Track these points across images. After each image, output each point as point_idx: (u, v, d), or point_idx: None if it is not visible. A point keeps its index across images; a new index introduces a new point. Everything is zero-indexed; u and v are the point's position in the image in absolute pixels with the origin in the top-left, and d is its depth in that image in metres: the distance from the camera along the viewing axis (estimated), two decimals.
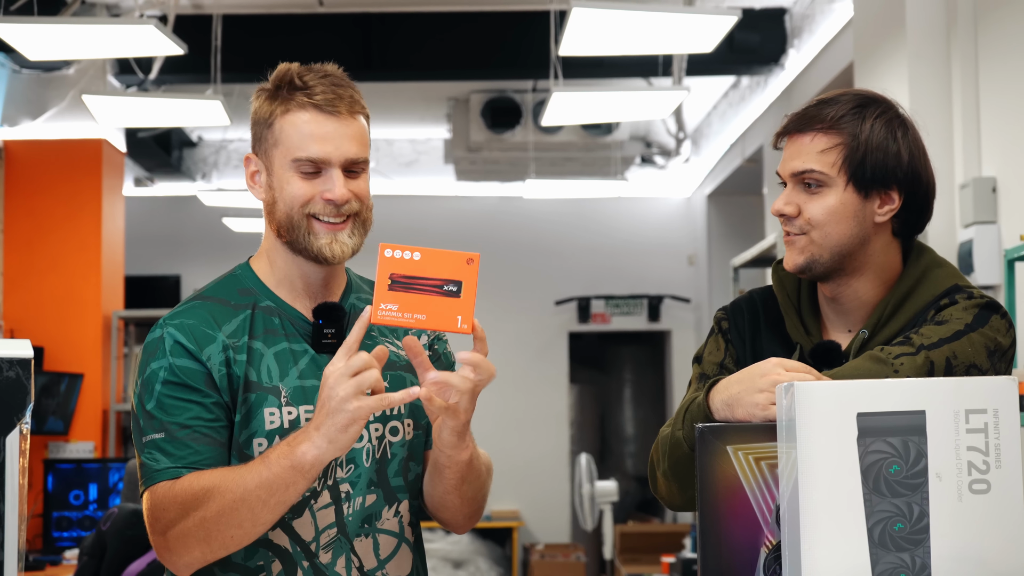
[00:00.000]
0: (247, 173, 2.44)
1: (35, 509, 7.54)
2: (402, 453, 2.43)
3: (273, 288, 2.43)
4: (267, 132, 2.38)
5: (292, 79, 2.37)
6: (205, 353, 2.32)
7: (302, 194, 2.34)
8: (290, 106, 2.35)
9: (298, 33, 8.41)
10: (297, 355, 2.38)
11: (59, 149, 8.51)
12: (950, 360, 2.16)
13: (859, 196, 2.28)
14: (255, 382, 2.33)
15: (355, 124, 2.38)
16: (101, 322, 8.44)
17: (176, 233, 12.00)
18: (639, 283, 12.24)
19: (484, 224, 12.13)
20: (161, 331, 2.35)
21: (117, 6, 8.05)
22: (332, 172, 2.35)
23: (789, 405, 1.89)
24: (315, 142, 2.34)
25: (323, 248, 2.35)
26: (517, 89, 10.12)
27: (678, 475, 2.26)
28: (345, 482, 2.36)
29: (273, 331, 2.38)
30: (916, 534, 1.84)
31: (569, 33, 5.76)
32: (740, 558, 1.99)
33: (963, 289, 2.30)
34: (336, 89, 2.38)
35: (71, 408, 8.21)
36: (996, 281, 5.14)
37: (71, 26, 5.95)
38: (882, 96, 2.36)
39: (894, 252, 2.36)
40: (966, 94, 5.41)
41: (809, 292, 2.42)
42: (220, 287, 2.45)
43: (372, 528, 2.39)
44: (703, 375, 2.42)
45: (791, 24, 8.30)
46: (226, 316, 2.38)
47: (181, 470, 2.25)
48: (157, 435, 2.28)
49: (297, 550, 2.33)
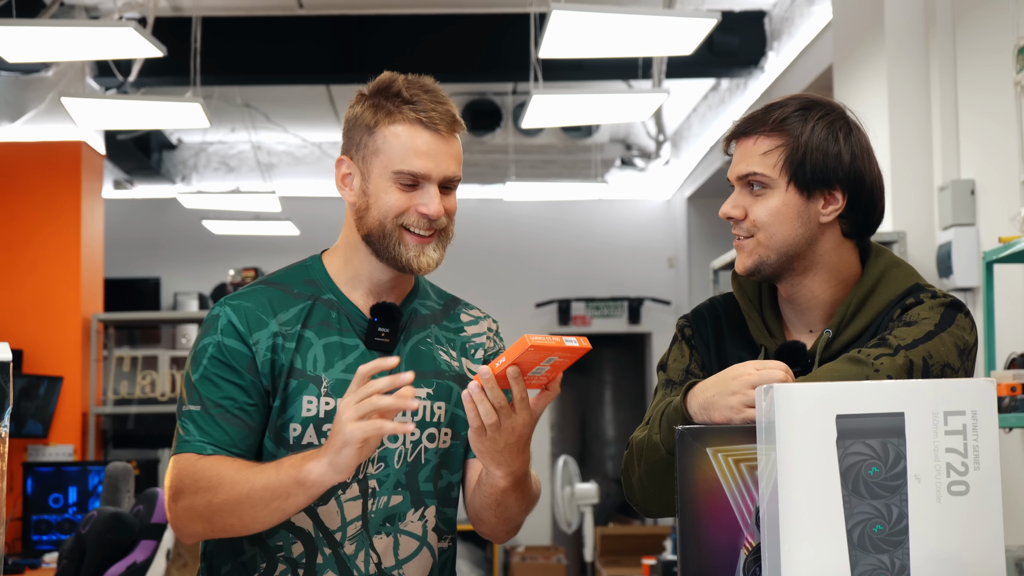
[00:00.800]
0: (338, 174, 2.49)
1: (14, 512, 7.50)
2: (435, 460, 2.49)
3: (340, 284, 2.50)
4: (368, 139, 2.44)
5: (399, 90, 2.44)
6: (254, 337, 2.41)
7: (399, 205, 2.41)
8: (396, 117, 2.42)
9: (278, 36, 8.40)
10: (347, 349, 2.45)
11: (38, 151, 8.48)
12: (926, 360, 2.19)
13: (801, 197, 2.30)
14: (299, 369, 2.42)
15: (455, 143, 2.47)
16: (81, 325, 8.41)
17: (156, 236, 11.97)
18: (619, 285, 12.25)
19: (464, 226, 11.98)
20: (219, 309, 2.45)
21: (96, 8, 8.03)
22: (430, 188, 2.42)
23: (769, 407, 1.89)
24: (418, 157, 2.41)
25: (411, 260, 2.43)
26: (497, 91, 10.13)
27: (654, 480, 2.27)
28: (374, 479, 2.43)
29: (328, 323, 2.46)
30: (895, 536, 1.85)
31: (549, 36, 5.77)
32: (720, 560, 2.00)
33: (924, 288, 2.33)
34: (439, 106, 2.45)
35: (50, 411, 8.18)
36: (975, 283, 5.15)
37: (50, 28, 5.93)
38: (829, 100, 2.39)
39: (847, 252, 2.37)
40: (944, 96, 5.43)
41: (770, 295, 2.44)
42: (287, 275, 2.54)
43: (394, 528, 2.44)
44: (669, 381, 2.43)
45: (770, 27, 8.31)
46: (284, 304, 2.46)
47: (207, 447, 2.35)
48: (194, 407, 2.39)
49: (320, 536, 2.40)
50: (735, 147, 2.37)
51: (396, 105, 2.44)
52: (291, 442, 2.40)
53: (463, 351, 2.59)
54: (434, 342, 2.54)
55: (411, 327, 2.53)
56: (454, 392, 2.52)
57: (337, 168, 2.51)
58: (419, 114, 2.42)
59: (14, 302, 8.30)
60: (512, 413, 2.20)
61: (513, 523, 2.50)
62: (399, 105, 2.44)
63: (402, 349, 2.49)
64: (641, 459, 2.29)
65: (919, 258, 5.55)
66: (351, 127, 2.49)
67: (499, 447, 2.25)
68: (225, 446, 2.36)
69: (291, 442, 2.40)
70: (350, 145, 2.48)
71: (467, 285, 11.83)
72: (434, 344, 2.54)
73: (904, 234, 5.54)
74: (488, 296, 11.83)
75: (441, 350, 2.54)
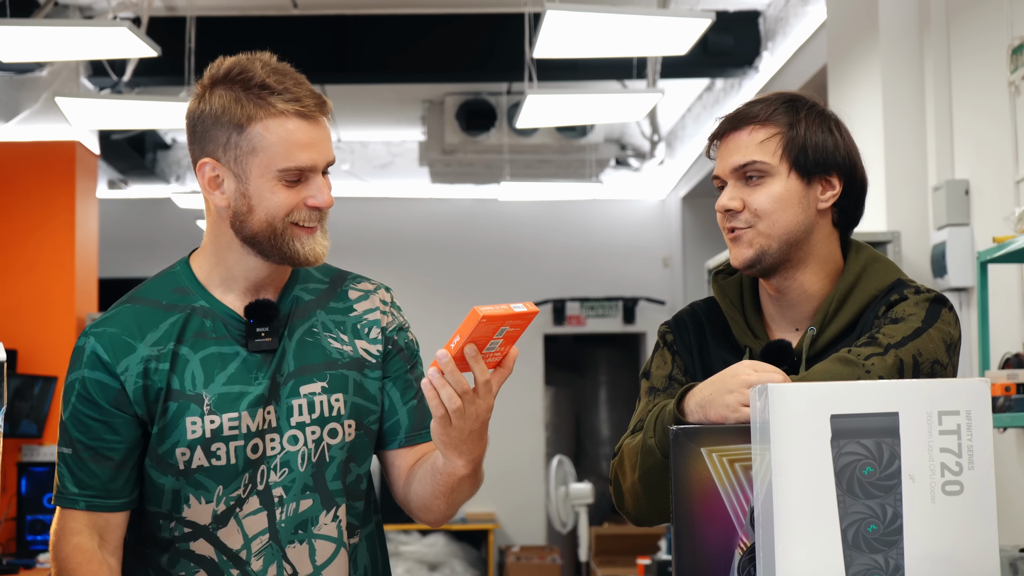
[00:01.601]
0: (204, 178, 2.30)
1: (8, 512, 7.50)
2: (341, 456, 2.38)
3: (212, 288, 2.37)
4: (237, 138, 2.26)
5: (262, 80, 2.25)
6: (121, 365, 2.30)
7: (288, 203, 2.27)
8: (268, 111, 2.24)
9: (272, 35, 8.38)
10: (226, 358, 2.33)
11: (32, 151, 8.47)
12: (916, 358, 2.19)
13: (802, 183, 2.32)
14: (177, 390, 2.30)
15: (326, 125, 2.33)
16: (75, 324, 8.41)
17: (150, 235, 11.95)
18: (614, 285, 12.25)
19: (459, 226, 12.12)
20: (84, 340, 2.33)
21: (90, 8, 8.03)
22: (316, 179, 2.29)
23: (763, 407, 1.89)
24: (302, 150, 2.26)
25: (308, 253, 2.30)
26: (492, 91, 10.12)
27: (648, 485, 2.25)
28: (278, 486, 2.32)
29: (203, 334, 2.33)
30: (890, 535, 1.85)
31: (543, 36, 5.77)
32: (715, 560, 2.00)
33: (907, 283, 2.34)
34: (304, 89, 2.28)
35: (45, 411, 8.17)
36: (969, 283, 5.16)
37: (44, 28, 5.92)
38: (808, 95, 2.41)
39: (835, 244, 2.38)
40: (939, 96, 5.43)
41: (752, 296, 2.44)
42: (155, 286, 2.40)
43: (308, 534, 2.34)
44: (652, 389, 2.42)
45: (765, 27, 8.32)
46: (153, 321, 2.33)
47: (80, 502, 2.30)
48: (66, 450, 2.32)
49: (224, 559, 2.31)
50: (721, 145, 2.37)
51: (263, 97, 2.24)
52: (181, 467, 2.29)
53: (355, 332, 2.43)
54: (321, 330, 2.39)
55: (293, 319, 2.38)
56: (350, 381, 2.38)
57: (199, 172, 2.31)
58: (291, 104, 2.24)
59: (9, 302, 8.29)
60: (476, 398, 2.10)
61: (460, 506, 2.40)
62: (267, 96, 2.24)
63: (287, 344, 2.36)
64: (635, 465, 2.27)
65: (913, 258, 5.55)
66: (208, 125, 2.28)
67: (464, 435, 2.16)
68: (97, 492, 2.30)
69: (181, 467, 2.29)
70: (213, 146, 2.28)
71: (461, 285, 11.89)
72: (321, 332, 2.39)
73: (898, 234, 5.54)
74: (482, 296, 11.84)
75: (330, 337, 2.40)
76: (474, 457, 2.24)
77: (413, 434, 2.47)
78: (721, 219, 2.36)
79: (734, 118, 2.36)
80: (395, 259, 11.77)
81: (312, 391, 2.35)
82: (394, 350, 2.47)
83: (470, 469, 2.27)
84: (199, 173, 2.32)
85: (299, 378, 2.36)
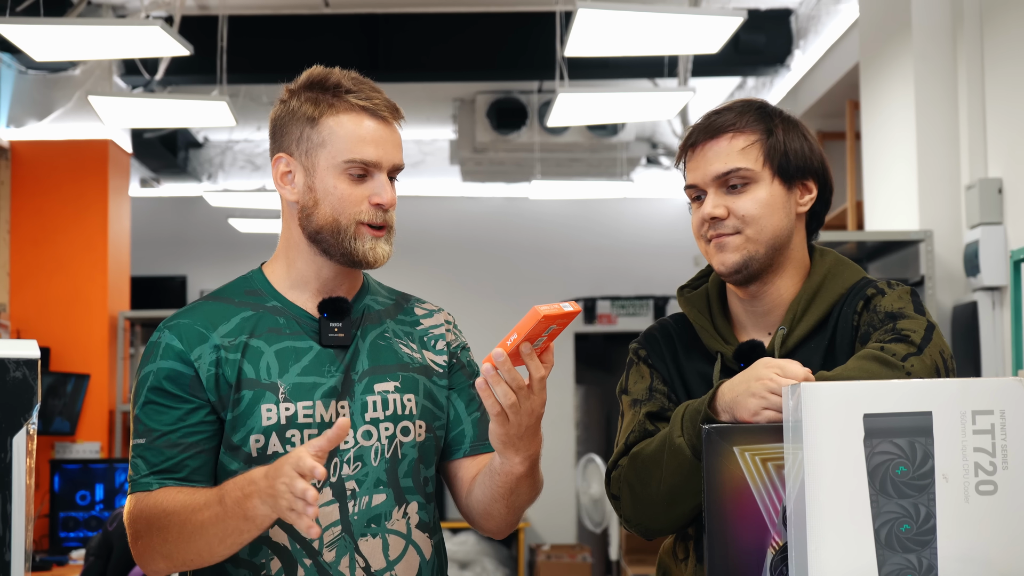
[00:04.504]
0: (277, 173, 2.41)
1: (41, 509, 7.54)
2: (413, 454, 2.42)
3: (284, 291, 2.44)
4: (310, 131, 2.36)
5: (338, 81, 2.38)
6: (195, 353, 2.34)
7: (351, 197, 2.35)
8: (339, 107, 2.36)
9: (304, 34, 8.41)
10: (300, 352, 2.38)
11: (65, 150, 8.51)
12: (942, 354, 2.20)
13: (784, 187, 2.34)
14: (252, 379, 2.34)
15: (398, 132, 2.42)
16: (107, 322, 8.45)
17: (182, 234, 12.01)
18: (645, 284, 12.23)
19: (490, 225, 12.13)
20: (159, 334, 2.38)
21: (123, 7, 8.06)
22: (380, 177, 2.38)
23: (795, 406, 1.89)
24: (367, 144, 2.35)
25: (368, 253, 2.37)
26: (523, 90, 10.12)
27: (673, 486, 2.23)
28: (351, 479, 2.35)
29: (277, 330, 2.39)
30: (923, 535, 1.84)
31: (575, 34, 5.76)
32: (747, 559, 1.99)
33: (873, 281, 2.37)
34: (379, 94, 2.40)
35: (77, 408, 8.22)
36: (1002, 282, 5.13)
37: (77, 27, 5.95)
38: (766, 101, 2.44)
39: (806, 249, 2.42)
40: (972, 95, 5.41)
41: (720, 304, 2.45)
42: (228, 288, 2.48)
43: (380, 528, 2.36)
44: (636, 401, 2.41)
45: (797, 25, 8.29)
46: (225, 315, 2.40)
47: (153, 483, 2.30)
48: (140, 440, 2.34)
49: (297, 547, 2.32)
50: (696, 154, 2.38)
51: (337, 95, 2.37)
52: (255, 454, 2.32)
53: (422, 343, 2.51)
54: (392, 336, 2.47)
55: (366, 323, 2.45)
56: (420, 384, 2.44)
57: (274, 166, 2.41)
58: (363, 101, 2.36)
59: (42, 300, 8.33)
60: (530, 394, 2.13)
61: (522, 512, 2.44)
62: (340, 95, 2.37)
63: (361, 344, 2.42)
64: (658, 466, 2.25)
65: (946, 257, 5.53)
66: (286, 123, 2.41)
67: (520, 432, 2.19)
68: (172, 475, 2.30)
69: (255, 454, 2.32)
70: (288, 141, 2.40)
71: (492, 283, 11.90)
72: (393, 338, 2.47)
73: (931, 233, 5.52)
74: (513, 294, 11.85)
75: (401, 343, 2.47)
76: (530, 454, 2.28)
77: (478, 443, 2.52)
78: (703, 228, 2.37)
79: (708, 127, 2.37)
80: (426, 257, 11.79)
81: (386, 389, 2.40)
82: (458, 365, 2.55)
83: (527, 466, 2.30)
84: (273, 168, 2.42)
85: (373, 376, 2.41)
